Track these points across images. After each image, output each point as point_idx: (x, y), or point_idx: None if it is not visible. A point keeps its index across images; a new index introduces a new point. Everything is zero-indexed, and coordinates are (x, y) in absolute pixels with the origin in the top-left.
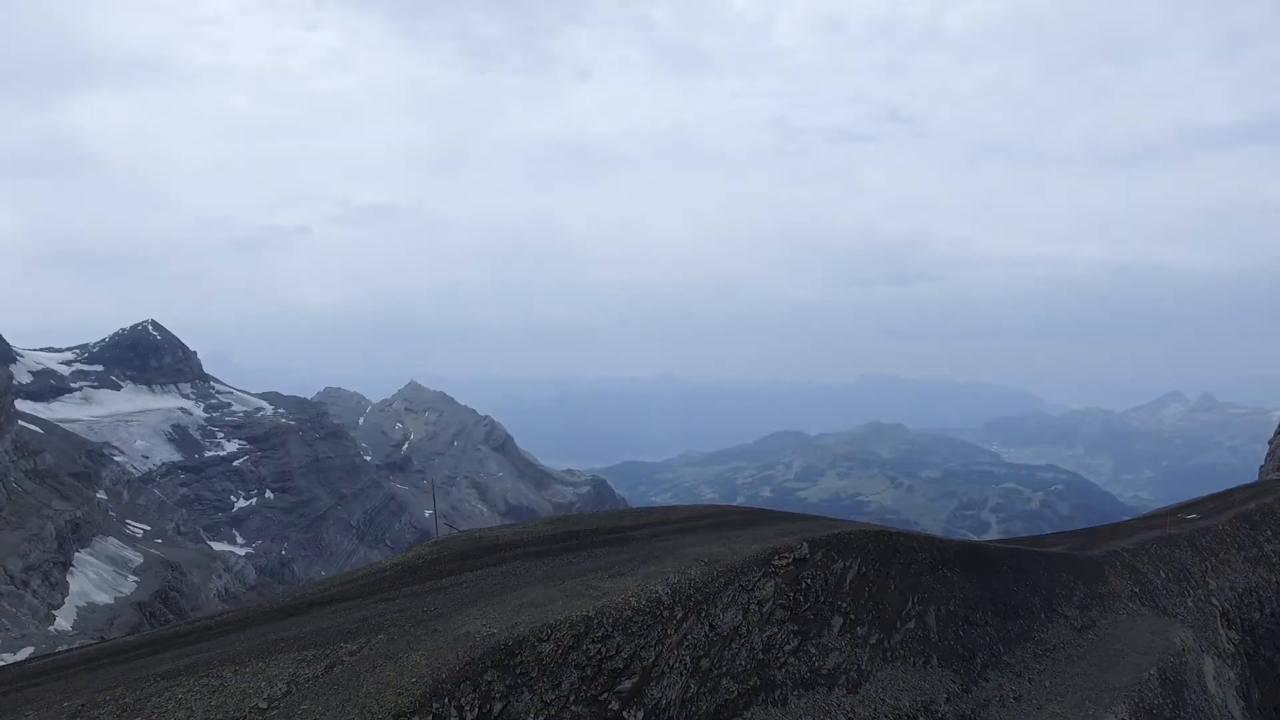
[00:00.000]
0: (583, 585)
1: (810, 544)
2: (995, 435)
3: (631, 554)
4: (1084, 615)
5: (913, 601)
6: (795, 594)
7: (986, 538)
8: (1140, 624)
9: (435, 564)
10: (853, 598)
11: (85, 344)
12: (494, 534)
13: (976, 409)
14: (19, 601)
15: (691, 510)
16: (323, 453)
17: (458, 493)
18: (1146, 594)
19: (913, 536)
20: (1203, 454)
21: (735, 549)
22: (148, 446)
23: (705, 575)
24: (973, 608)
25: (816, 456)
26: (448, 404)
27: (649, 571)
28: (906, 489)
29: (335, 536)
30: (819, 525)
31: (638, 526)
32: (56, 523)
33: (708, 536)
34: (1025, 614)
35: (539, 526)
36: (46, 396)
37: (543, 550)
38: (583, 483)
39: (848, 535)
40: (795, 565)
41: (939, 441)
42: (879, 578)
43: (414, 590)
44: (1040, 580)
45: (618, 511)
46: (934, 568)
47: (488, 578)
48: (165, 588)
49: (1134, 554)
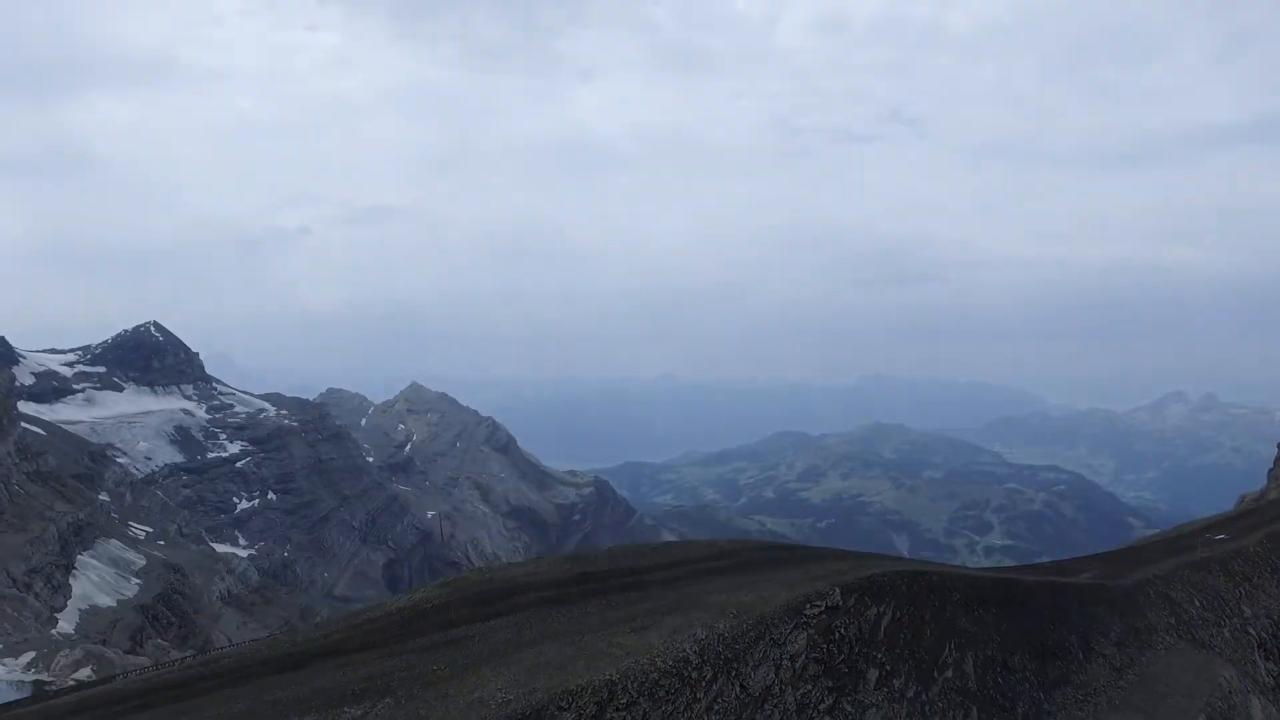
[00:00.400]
0: (604, 642)
1: (843, 589)
2: (997, 435)
3: (653, 603)
4: (1122, 653)
5: (950, 647)
6: (829, 645)
7: (989, 538)
8: (1181, 660)
9: (445, 610)
10: (888, 646)
11: (88, 345)
12: (506, 573)
13: (979, 409)
14: (21, 605)
15: (710, 547)
16: (325, 454)
17: (460, 494)
18: (1183, 625)
19: (946, 575)
20: (1205, 454)
21: (763, 596)
22: (150, 448)
23: (734, 629)
24: (1010, 651)
25: (819, 457)
26: (450, 405)
27: (674, 625)
28: (909, 489)
29: (338, 538)
30: (848, 564)
31: (655, 567)
32: (59, 525)
33: (731, 581)
34: (1063, 655)
35: (552, 566)
36: (49, 398)
37: (558, 596)
38: (585, 484)
39: (880, 578)
40: (828, 613)
41: (941, 442)
42: (914, 623)
43: (423, 643)
44: (1075, 616)
45: (634, 548)
46: (969, 608)
47: (501, 630)
48: (168, 590)
49: (1167, 582)
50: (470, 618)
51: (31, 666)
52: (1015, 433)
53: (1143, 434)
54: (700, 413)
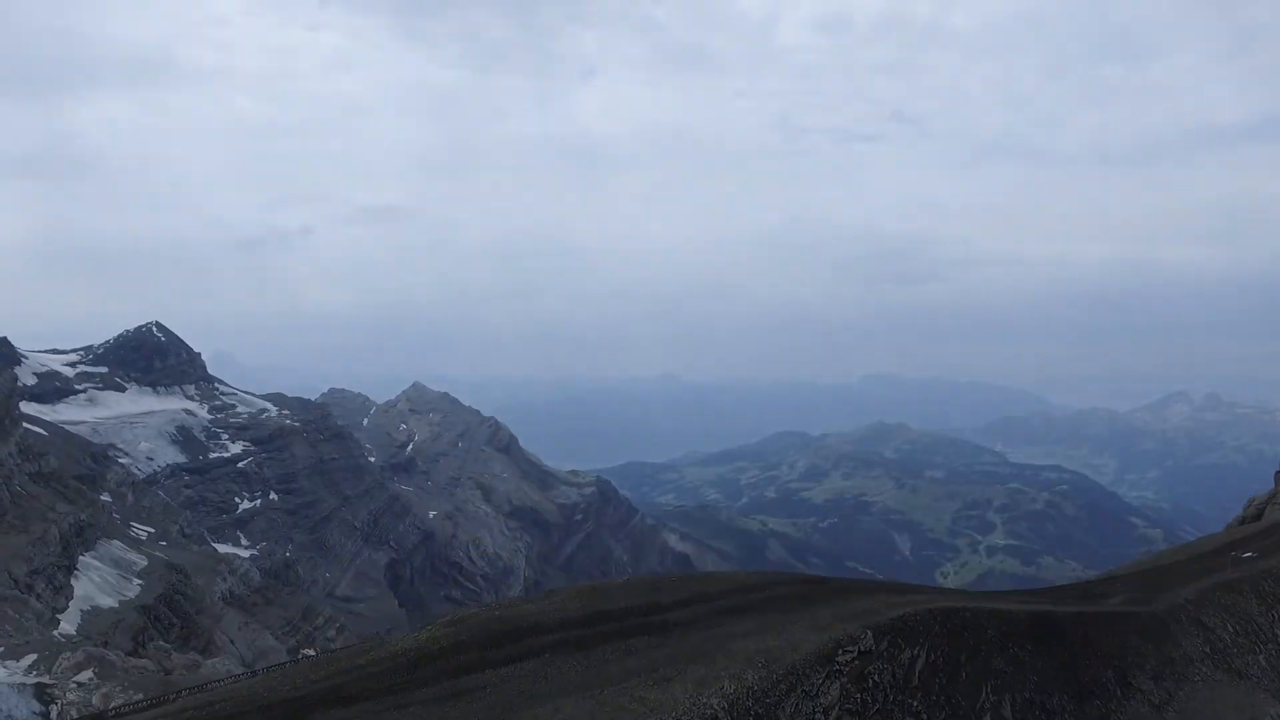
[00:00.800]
0: (625, 696)
1: (875, 631)
2: (999, 435)
3: (675, 648)
4: (1160, 688)
5: (986, 691)
6: (862, 695)
7: (991, 538)
8: (1221, 695)
9: (454, 653)
10: (923, 692)
11: (90, 346)
12: (517, 610)
13: (980, 409)
14: (23, 606)
15: (731, 581)
16: (327, 454)
17: (462, 494)
18: (1218, 654)
19: (979, 611)
20: (1208, 453)
21: (792, 641)
22: (152, 448)
23: (763, 681)
24: (1047, 691)
25: (820, 457)
26: (452, 405)
27: (699, 676)
28: (911, 489)
29: (339, 538)
30: (879, 600)
31: (675, 605)
32: (61, 526)
33: (756, 621)
34: (1100, 692)
35: (566, 602)
36: (51, 398)
37: (573, 638)
38: (587, 483)
39: (913, 618)
40: (860, 659)
41: (943, 442)
42: (949, 665)
43: (430, 693)
44: (1110, 648)
45: (651, 581)
46: (1003, 646)
47: (514, 678)
48: (169, 591)
49: (1198, 606)
50: (481, 663)
51: (33, 669)
52: (1017, 432)
53: (1145, 433)
54: (702, 412)
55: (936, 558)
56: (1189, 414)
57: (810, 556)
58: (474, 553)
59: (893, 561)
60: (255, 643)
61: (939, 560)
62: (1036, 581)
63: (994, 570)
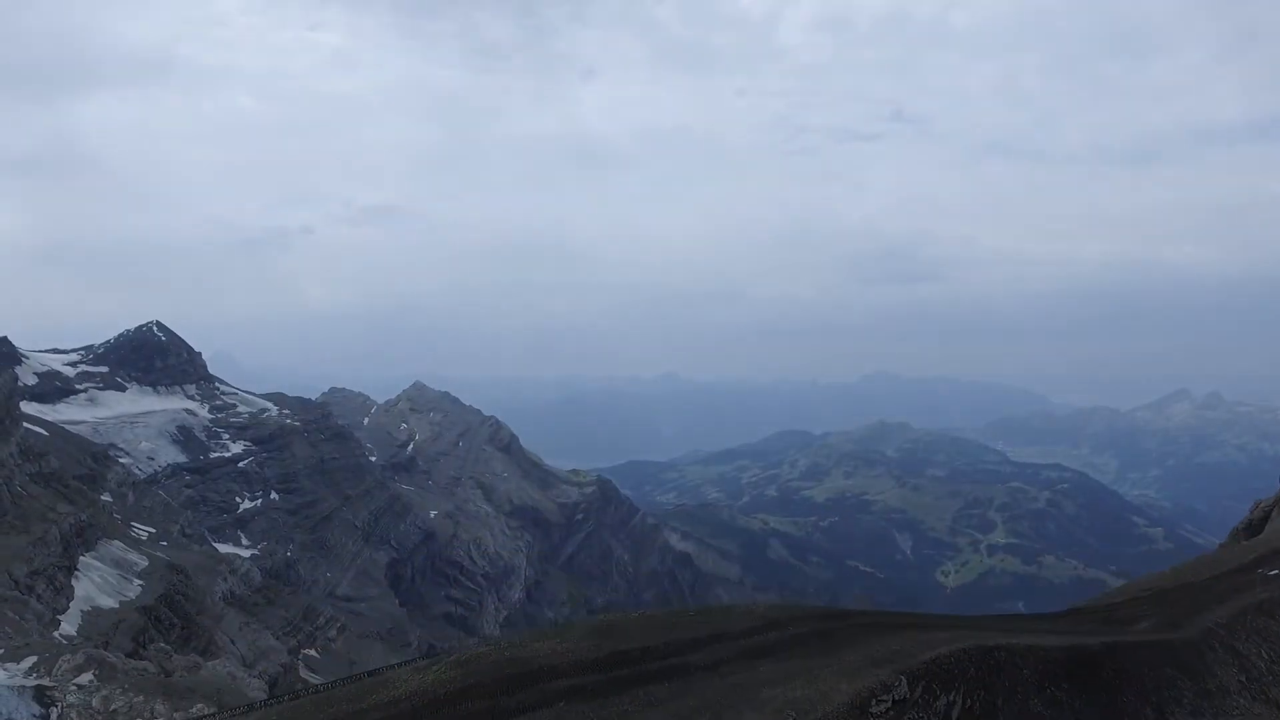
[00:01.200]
0: None
1: (909, 677)
2: (1000, 434)
3: (698, 697)
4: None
5: None
6: None
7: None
8: None
9: (461, 699)
10: None
11: (90, 345)
12: (528, 650)
13: (982, 408)
14: (23, 607)
15: (753, 615)
16: (327, 453)
17: (463, 493)
18: (1254, 683)
19: (1013, 649)
20: (1209, 452)
21: (823, 690)
22: (153, 448)
23: None
24: None
25: (822, 456)
26: (452, 404)
27: None
28: (912, 488)
29: (340, 538)
30: (907, 639)
31: (695, 644)
32: (61, 526)
33: (783, 666)
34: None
35: (579, 641)
36: (52, 398)
37: (587, 684)
38: (588, 483)
39: (947, 660)
40: (895, 709)
41: (944, 441)
42: (986, 711)
43: None
44: (1145, 681)
45: (668, 616)
46: (1040, 686)
47: None
48: (170, 591)
49: (1230, 631)
50: (489, 712)
51: (34, 671)
52: (1018, 431)
53: (1146, 432)
54: (703, 411)
55: (937, 556)
56: (1190, 412)
57: (811, 555)
58: (475, 552)
59: (894, 560)
60: (256, 643)
61: (940, 559)
62: (1037, 580)
63: (995, 569)
